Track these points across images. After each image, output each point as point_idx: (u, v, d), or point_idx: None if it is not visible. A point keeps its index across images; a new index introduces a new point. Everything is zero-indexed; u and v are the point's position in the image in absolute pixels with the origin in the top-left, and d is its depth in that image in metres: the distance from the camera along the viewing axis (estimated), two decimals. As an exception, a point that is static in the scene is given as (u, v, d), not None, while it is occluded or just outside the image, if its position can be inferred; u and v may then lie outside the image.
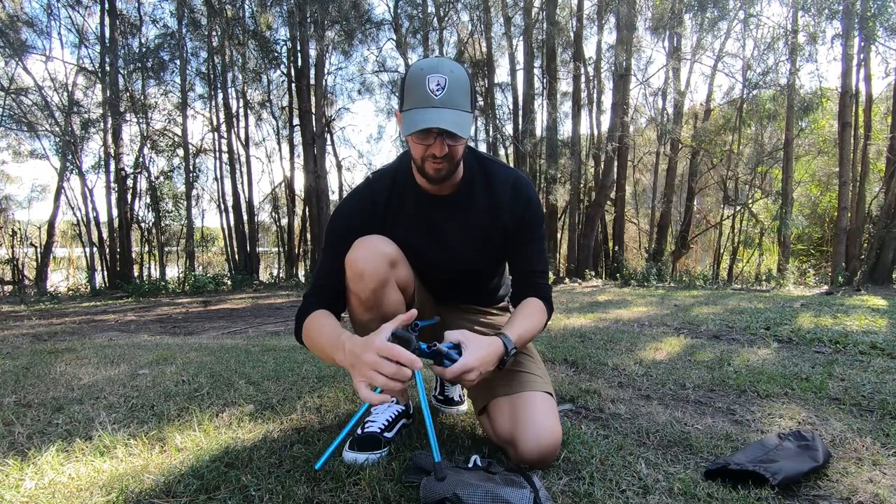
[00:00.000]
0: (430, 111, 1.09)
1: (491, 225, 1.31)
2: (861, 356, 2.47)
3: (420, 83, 1.10)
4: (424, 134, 1.12)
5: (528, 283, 1.34)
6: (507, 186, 1.30)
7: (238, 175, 12.40)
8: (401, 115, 1.16)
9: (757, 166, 11.73)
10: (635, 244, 16.39)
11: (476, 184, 1.30)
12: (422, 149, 1.15)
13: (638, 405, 1.69)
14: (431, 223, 1.30)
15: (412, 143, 1.17)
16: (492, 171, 1.31)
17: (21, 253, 11.43)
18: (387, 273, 1.21)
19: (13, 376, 2.16)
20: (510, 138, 12.41)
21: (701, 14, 10.99)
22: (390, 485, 1.04)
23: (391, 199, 1.29)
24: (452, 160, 1.18)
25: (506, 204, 1.29)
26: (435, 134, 1.12)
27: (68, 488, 1.06)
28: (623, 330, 3.40)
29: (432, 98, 1.09)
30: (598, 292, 7.44)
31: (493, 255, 1.37)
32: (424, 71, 1.11)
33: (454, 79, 1.11)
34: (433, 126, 1.08)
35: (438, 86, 1.10)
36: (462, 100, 1.12)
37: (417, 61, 1.17)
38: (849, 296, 6.58)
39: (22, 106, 10.80)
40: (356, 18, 11.77)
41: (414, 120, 1.10)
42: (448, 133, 1.11)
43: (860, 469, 1.18)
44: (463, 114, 1.11)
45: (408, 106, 1.13)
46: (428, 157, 1.16)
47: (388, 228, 1.28)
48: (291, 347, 2.94)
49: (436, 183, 1.22)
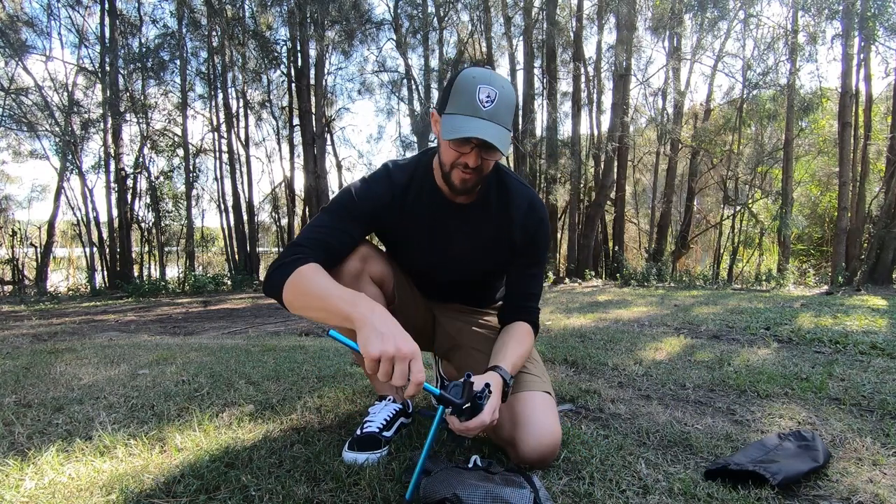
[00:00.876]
0: (475, 121, 1.07)
1: (500, 238, 1.30)
2: (861, 356, 2.47)
3: (470, 90, 1.08)
4: (463, 142, 1.11)
5: (520, 306, 1.34)
6: (522, 205, 1.29)
7: (238, 175, 12.40)
8: (440, 118, 1.14)
9: (757, 166, 11.73)
10: (635, 244, 16.39)
11: (492, 196, 1.29)
12: (455, 155, 1.13)
13: (638, 405, 1.68)
14: (441, 228, 1.29)
15: (446, 148, 1.15)
16: (509, 186, 1.30)
17: (21, 253, 11.43)
18: (359, 267, 1.22)
19: (13, 376, 2.16)
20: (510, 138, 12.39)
21: (701, 14, 10.99)
22: (390, 485, 1.04)
23: (407, 195, 1.27)
24: (481, 174, 1.16)
25: (519, 222, 1.29)
26: (473, 144, 1.10)
27: (68, 488, 1.06)
28: (623, 330, 3.40)
29: (480, 108, 1.07)
30: (598, 292, 7.44)
31: (497, 267, 1.38)
32: (477, 80, 1.09)
33: (504, 94, 1.10)
34: (478, 136, 1.06)
35: (489, 98, 1.08)
36: (507, 117, 1.11)
37: (469, 68, 1.15)
38: (849, 296, 6.58)
39: (22, 106, 10.80)
40: (356, 18, 11.77)
41: (457, 126, 1.08)
42: (486, 146, 1.09)
43: (860, 469, 1.18)
44: (505, 131, 1.10)
45: (452, 110, 1.10)
46: (458, 165, 1.14)
47: (399, 224, 1.28)
48: (291, 347, 2.94)
49: (459, 193, 1.21)
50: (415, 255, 1.33)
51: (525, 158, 11.48)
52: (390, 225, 1.29)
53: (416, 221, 1.28)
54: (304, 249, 1.14)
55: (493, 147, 1.09)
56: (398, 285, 1.33)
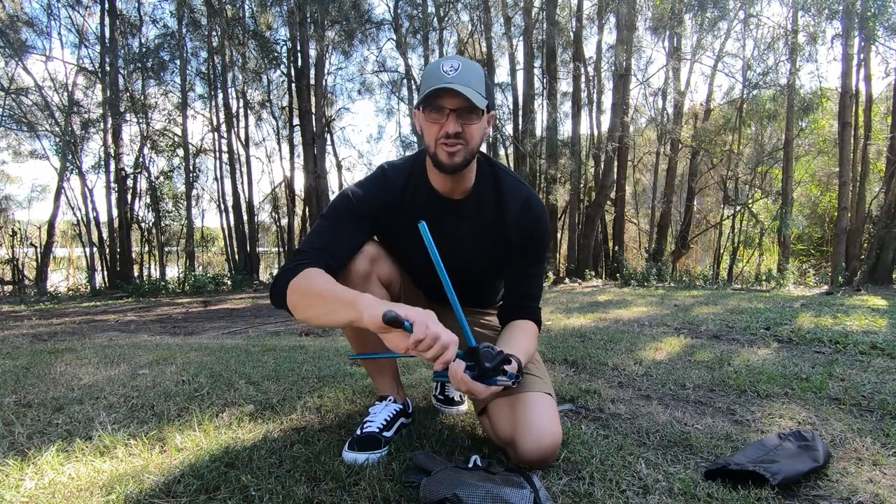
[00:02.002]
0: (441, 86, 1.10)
1: (496, 236, 1.30)
2: (861, 356, 2.47)
3: (434, 68, 1.13)
4: (437, 111, 1.12)
5: (521, 306, 1.33)
6: (517, 202, 1.29)
7: (238, 175, 12.40)
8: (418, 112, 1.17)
9: (757, 166, 11.73)
10: (635, 244, 16.39)
11: (486, 193, 1.29)
12: (435, 129, 1.14)
13: (638, 405, 1.68)
14: (438, 225, 1.29)
15: (426, 125, 1.16)
16: (504, 182, 1.30)
17: (21, 253, 11.43)
18: (367, 268, 1.23)
19: (13, 376, 2.16)
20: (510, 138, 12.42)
21: (701, 14, 10.99)
22: (390, 485, 1.04)
23: (404, 195, 1.28)
24: (467, 144, 1.16)
25: (513, 219, 1.28)
26: (448, 110, 1.12)
27: (68, 488, 1.06)
28: (623, 330, 3.40)
29: (445, 76, 1.11)
30: (598, 292, 7.44)
31: (496, 265, 1.37)
32: (440, 61, 1.15)
33: (468, 64, 1.13)
34: (445, 86, 1.08)
35: (452, 68, 1.11)
36: (477, 82, 1.12)
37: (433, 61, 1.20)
38: (849, 296, 6.58)
39: (22, 106, 10.81)
40: (356, 18, 11.77)
41: (426, 95, 1.11)
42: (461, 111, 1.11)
43: (860, 469, 1.18)
44: (476, 92, 1.11)
45: (423, 89, 1.14)
46: (441, 139, 1.14)
47: (397, 224, 1.28)
48: (291, 347, 2.94)
49: (449, 171, 1.19)
50: (414, 255, 1.34)
51: (525, 158, 11.48)
52: (389, 225, 1.29)
53: (414, 220, 1.28)
54: (305, 256, 1.15)
55: (469, 109, 1.11)
56: (404, 287, 1.34)
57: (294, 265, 1.12)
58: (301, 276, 1.09)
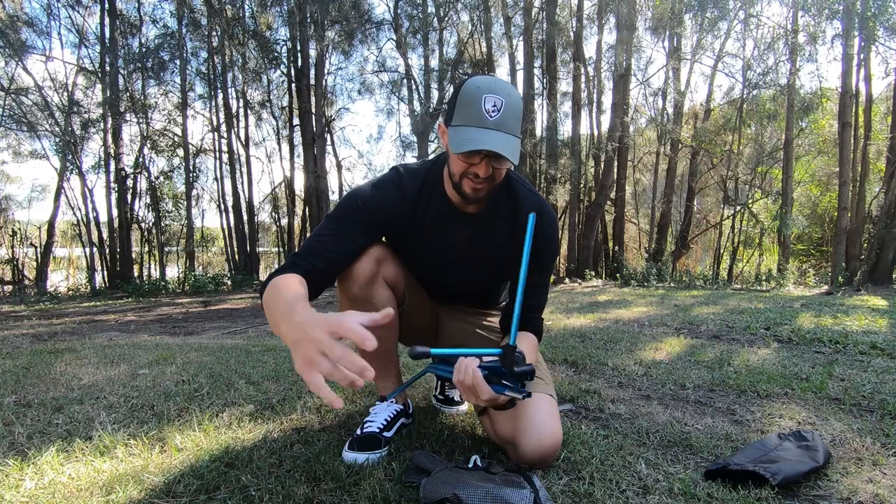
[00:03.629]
0: (483, 132, 1.06)
1: (508, 248, 1.29)
2: (861, 356, 2.47)
3: (475, 101, 1.07)
4: (472, 153, 1.10)
5: (525, 318, 1.29)
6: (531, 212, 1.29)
7: (238, 175, 12.40)
8: (447, 130, 1.13)
9: (757, 166, 11.72)
10: (635, 244, 16.38)
11: (501, 205, 1.28)
12: (464, 166, 1.13)
13: (638, 405, 1.68)
14: (451, 236, 1.29)
15: (455, 160, 1.14)
16: (519, 194, 1.28)
17: (21, 253, 11.42)
18: (373, 269, 1.22)
19: (13, 376, 2.16)
20: (510, 138, 12.39)
21: (701, 14, 10.99)
22: (390, 485, 1.04)
23: (418, 202, 1.26)
24: (493, 182, 1.15)
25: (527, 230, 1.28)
26: (483, 155, 1.09)
27: (68, 488, 1.06)
28: (623, 330, 3.40)
29: (486, 119, 1.07)
30: (598, 292, 7.44)
31: (503, 274, 1.37)
32: (481, 89, 1.08)
33: (510, 102, 1.09)
34: (486, 148, 1.05)
35: (495, 107, 1.07)
36: (515, 125, 1.10)
37: (473, 77, 1.13)
38: (849, 296, 6.58)
39: (22, 106, 10.80)
40: (356, 18, 11.77)
41: (465, 138, 1.07)
42: (496, 155, 1.08)
43: (860, 469, 1.18)
44: (514, 139, 1.09)
45: (458, 122, 1.10)
46: (469, 175, 1.13)
47: (407, 232, 1.27)
48: (291, 347, 2.93)
49: (470, 203, 1.19)
50: (423, 262, 1.33)
51: (525, 158, 11.48)
52: (398, 232, 1.28)
53: (425, 230, 1.27)
54: (297, 260, 1.13)
55: (502, 157, 1.08)
56: (409, 288, 1.34)
57: (277, 270, 1.11)
58: (279, 279, 1.04)
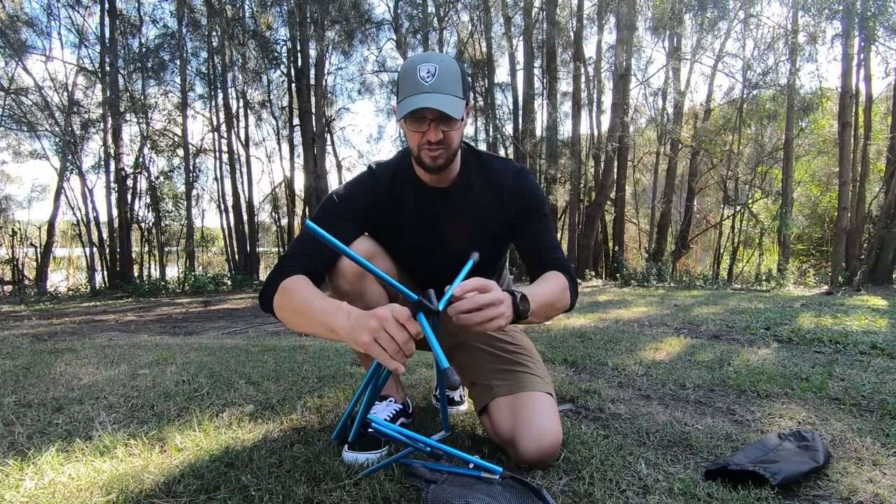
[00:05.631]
0: (420, 96, 1.11)
1: (492, 215, 1.31)
2: (861, 356, 2.47)
3: (411, 72, 1.13)
4: (418, 121, 1.14)
5: (543, 260, 1.30)
6: (507, 174, 1.31)
7: (238, 175, 12.40)
8: (397, 108, 1.18)
9: (757, 166, 11.73)
10: (635, 244, 16.39)
11: (474, 175, 1.31)
12: (417, 136, 1.17)
13: (638, 405, 1.68)
14: (430, 216, 1.31)
15: (408, 133, 1.18)
16: (490, 162, 1.33)
17: (21, 253, 11.42)
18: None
19: (13, 376, 2.16)
20: (510, 138, 12.42)
21: (701, 14, 10.99)
22: (390, 485, 1.04)
23: (392, 190, 1.30)
24: (449, 147, 1.18)
25: (508, 190, 1.30)
26: (429, 120, 1.13)
27: (68, 488, 1.06)
28: (623, 330, 3.40)
29: (423, 84, 1.11)
30: (599, 292, 7.44)
31: (491, 247, 1.36)
32: (415, 62, 1.14)
33: (444, 66, 1.13)
34: (423, 106, 1.09)
35: (429, 73, 1.12)
36: (453, 86, 1.14)
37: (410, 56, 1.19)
38: (849, 296, 6.58)
39: (22, 106, 10.80)
40: (356, 18, 11.77)
41: (406, 105, 1.12)
42: (441, 117, 1.12)
43: (860, 469, 1.18)
44: (455, 98, 1.13)
45: (402, 96, 1.15)
46: (423, 145, 1.17)
47: (389, 221, 1.30)
48: (291, 347, 2.94)
49: (433, 171, 1.22)
50: (411, 250, 1.34)
51: (525, 158, 11.48)
52: (381, 223, 1.30)
53: (406, 215, 1.30)
54: (288, 262, 1.17)
55: (445, 116, 1.12)
56: (399, 281, 1.33)
57: (277, 275, 1.14)
58: (280, 291, 1.10)
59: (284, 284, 1.10)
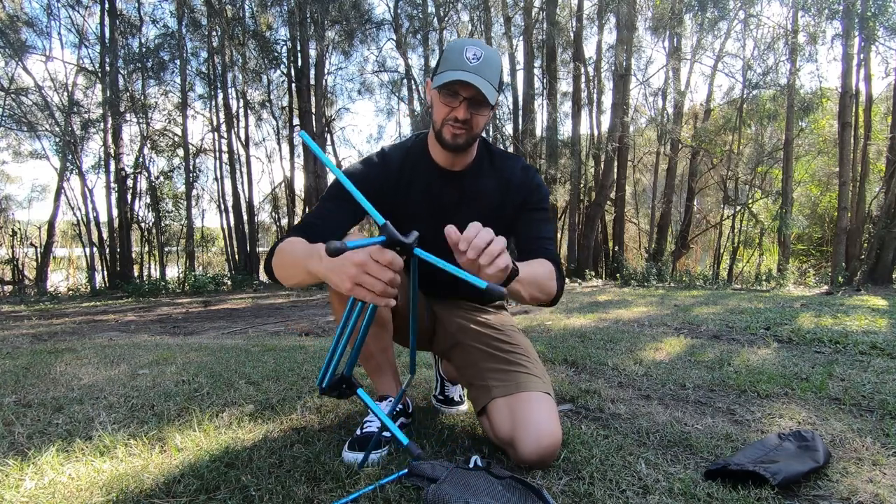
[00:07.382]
0: (462, 73, 1.14)
1: (499, 203, 1.34)
2: (861, 356, 2.47)
3: (458, 51, 1.16)
4: (452, 95, 1.17)
5: (534, 247, 1.31)
6: (515, 168, 1.36)
7: (238, 175, 12.40)
8: (431, 81, 1.20)
9: (757, 166, 11.73)
10: (635, 244, 16.38)
11: (485, 164, 1.35)
12: (446, 110, 1.19)
13: (638, 405, 1.68)
14: (440, 197, 1.33)
15: (437, 104, 1.21)
16: (500, 154, 1.38)
17: (21, 253, 11.42)
18: None
19: (13, 376, 2.16)
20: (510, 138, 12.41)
21: (701, 14, 10.99)
22: (390, 485, 1.04)
23: (403, 169, 1.32)
24: (472, 130, 1.21)
25: (515, 181, 1.34)
26: (462, 97, 1.16)
27: (68, 488, 1.06)
28: (623, 330, 3.40)
29: (468, 63, 1.15)
30: (599, 292, 7.44)
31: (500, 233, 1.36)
32: (464, 43, 1.17)
33: (489, 55, 1.17)
34: (464, 80, 1.12)
35: (475, 56, 1.15)
36: (493, 75, 1.17)
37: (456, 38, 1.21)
38: (849, 296, 6.58)
39: (22, 106, 10.80)
40: (356, 18, 11.77)
41: (445, 76, 1.14)
42: (475, 99, 1.15)
43: (860, 469, 1.18)
44: (491, 86, 1.16)
45: (442, 69, 1.17)
46: (449, 120, 1.19)
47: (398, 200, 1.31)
48: (291, 347, 2.94)
49: (451, 149, 1.24)
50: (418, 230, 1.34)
51: (525, 158, 11.47)
52: (390, 202, 1.30)
53: (415, 195, 1.32)
54: (289, 234, 1.21)
55: (480, 101, 1.15)
56: (403, 283, 1.33)
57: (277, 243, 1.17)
58: (276, 253, 1.13)
59: (280, 246, 1.13)
